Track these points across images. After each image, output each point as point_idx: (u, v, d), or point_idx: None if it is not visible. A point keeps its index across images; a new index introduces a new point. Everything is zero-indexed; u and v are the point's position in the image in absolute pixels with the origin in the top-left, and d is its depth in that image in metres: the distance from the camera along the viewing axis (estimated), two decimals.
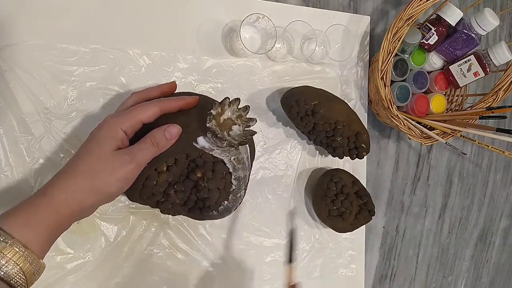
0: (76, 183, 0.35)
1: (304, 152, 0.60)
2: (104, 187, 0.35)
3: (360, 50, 0.63)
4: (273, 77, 0.57)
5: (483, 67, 0.60)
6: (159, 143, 0.38)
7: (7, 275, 0.30)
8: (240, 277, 0.55)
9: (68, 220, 0.35)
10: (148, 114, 0.39)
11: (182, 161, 0.41)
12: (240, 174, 0.43)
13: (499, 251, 0.86)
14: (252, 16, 0.50)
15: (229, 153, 0.41)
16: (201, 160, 0.41)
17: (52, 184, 0.35)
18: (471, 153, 0.79)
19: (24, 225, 0.32)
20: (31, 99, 0.44)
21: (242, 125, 0.40)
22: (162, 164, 0.40)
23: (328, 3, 0.61)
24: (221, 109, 0.39)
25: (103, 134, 0.37)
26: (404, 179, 0.71)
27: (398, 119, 0.57)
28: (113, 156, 0.36)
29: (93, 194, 0.35)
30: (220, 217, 0.47)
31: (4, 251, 0.30)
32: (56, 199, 0.34)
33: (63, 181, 0.35)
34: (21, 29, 0.44)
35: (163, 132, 0.38)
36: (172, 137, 0.38)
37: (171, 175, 0.41)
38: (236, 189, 0.44)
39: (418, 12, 0.53)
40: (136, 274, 0.49)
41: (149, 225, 0.49)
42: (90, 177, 0.35)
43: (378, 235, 0.69)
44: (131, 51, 0.48)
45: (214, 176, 0.42)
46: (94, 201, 0.36)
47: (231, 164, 0.42)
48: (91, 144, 0.37)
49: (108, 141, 0.36)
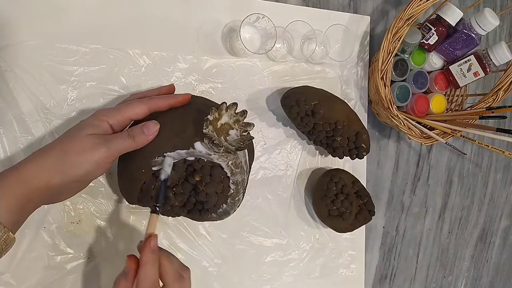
0: (46, 159, 0.35)
1: (304, 152, 0.60)
2: (71, 166, 0.36)
3: (360, 50, 0.63)
4: (273, 77, 0.57)
5: (483, 67, 0.60)
6: (135, 136, 0.38)
7: None
8: (240, 277, 0.55)
9: (37, 195, 0.35)
10: (136, 111, 0.40)
11: (180, 166, 0.41)
12: (238, 178, 0.43)
13: (499, 251, 0.86)
14: (252, 16, 0.50)
15: (227, 158, 0.40)
16: (199, 165, 0.41)
17: (26, 159, 0.36)
18: (471, 153, 0.79)
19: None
20: (31, 99, 0.44)
21: (239, 129, 0.40)
22: (160, 170, 0.40)
23: (328, 3, 0.61)
24: (218, 114, 0.39)
25: (86, 122, 0.39)
26: (404, 179, 0.71)
27: (398, 119, 0.57)
28: (86, 138, 0.36)
29: (60, 172, 0.35)
30: (219, 219, 0.46)
31: None
32: (25, 171, 0.34)
33: (36, 156, 0.36)
34: (21, 29, 0.44)
35: (141, 127, 0.38)
36: (150, 132, 0.38)
37: (169, 179, 0.41)
38: (234, 193, 0.44)
39: (418, 12, 0.53)
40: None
41: None
42: (60, 155, 0.36)
43: (378, 235, 0.69)
44: (131, 51, 0.48)
45: (212, 181, 0.41)
46: (61, 180, 0.35)
47: (229, 169, 0.41)
48: (72, 129, 0.38)
49: (88, 127, 0.37)
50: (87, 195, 0.46)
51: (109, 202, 0.47)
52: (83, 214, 0.46)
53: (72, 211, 0.46)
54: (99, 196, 0.47)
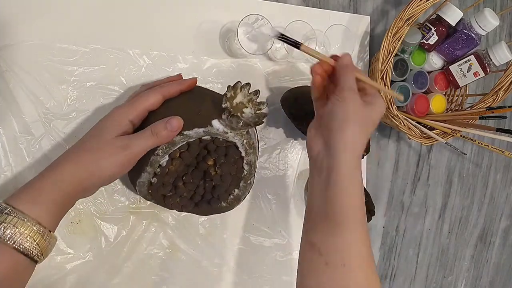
0: (78, 165, 0.37)
1: (304, 152, 0.60)
2: (100, 171, 0.37)
3: (360, 50, 0.63)
4: (273, 77, 0.57)
5: (483, 67, 0.60)
6: (158, 133, 0.38)
7: (26, 249, 0.33)
8: (240, 277, 0.55)
9: (73, 197, 0.38)
10: (151, 101, 0.41)
11: (195, 147, 0.41)
12: (252, 158, 0.44)
13: (499, 251, 0.86)
14: (251, 17, 0.50)
15: (242, 137, 0.42)
16: (214, 146, 0.42)
17: (57, 164, 0.38)
18: (471, 153, 0.79)
19: (33, 202, 0.35)
20: (31, 99, 0.44)
21: (253, 108, 0.42)
22: (175, 151, 0.41)
23: (328, 3, 0.61)
24: (233, 93, 0.40)
25: (107, 123, 0.40)
26: (404, 179, 0.71)
27: (398, 119, 0.57)
28: (111, 142, 0.38)
29: (92, 176, 0.37)
30: (228, 208, 0.47)
31: (19, 227, 0.33)
32: (59, 179, 0.36)
33: (67, 163, 0.37)
34: (21, 29, 0.44)
35: (164, 123, 0.39)
36: (174, 129, 0.39)
37: (183, 164, 0.42)
38: (248, 175, 0.45)
39: (418, 12, 0.53)
40: (136, 274, 0.49)
41: (149, 225, 0.49)
42: (91, 160, 0.37)
43: (378, 235, 0.69)
44: (131, 51, 0.48)
45: (226, 161, 0.43)
46: (93, 182, 0.38)
47: (244, 148, 0.43)
48: (95, 131, 0.40)
49: (111, 129, 0.39)
50: None
51: (109, 202, 0.47)
52: (83, 214, 0.46)
53: (72, 211, 0.46)
54: (99, 196, 0.47)
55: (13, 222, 0.33)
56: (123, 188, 0.48)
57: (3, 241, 0.32)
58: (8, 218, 0.33)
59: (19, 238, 0.33)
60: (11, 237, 0.33)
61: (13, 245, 0.33)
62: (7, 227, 0.33)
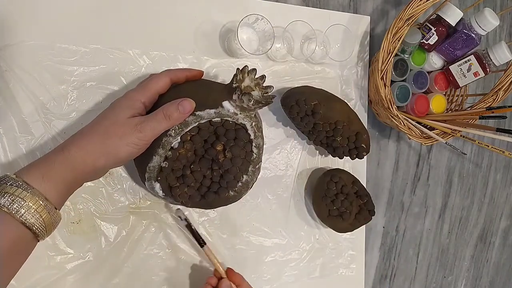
0: (91, 144, 0.37)
1: (304, 152, 0.60)
2: (114, 150, 0.38)
3: (360, 50, 0.63)
4: (273, 77, 0.57)
5: (483, 67, 0.60)
6: (171, 116, 0.39)
7: (30, 223, 0.33)
8: None
9: (82, 177, 0.38)
10: (160, 84, 0.42)
11: (205, 130, 0.42)
12: (260, 142, 0.46)
13: (499, 251, 0.86)
14: (251, 17, 0.50)
15: (251, 119, 0.43)
16: (223, 129, 0.43)
17: (69, 142, 0.38)
18: (471, 153, 0.79)
19: (43, 178, 0.35)
20: (31, 99, 0.44)
21: (261, 91, 0.43)
22: (186, 134, 0.41)
23: (328, 3, 0.61)
24: (242, 76, 0.42)
25: (121, 104, 0.40)
26: (404, 179, 0.71)
27: (398, 119, 0.57)
28: (126, 122, 0.38)
29: (105, 155, 0.38)
30: (237, 197, 0.48)
31: (27, 201, 0.33)
32: (72, 156, 0.37)
33: (80, 141, 0.38)
34: (21, 29, 0.44)
35: (176, 105, 0.39)
36: (185, 111, 0.39)
37: (193, 149, 0.43)
38: (256, 158, 0.46)
39: (418, 12, 0.53)
40: (136, 274, 0.49)
41: (149, 225, 0.49)
42: (103, 139, 0.38)
43: (378, 235, 0.69)
44: (131, 51, 0.48)
45: (236, 144, 0.44)
46: (105, 163, 0.38)
47: (253, 130, 0.44)
48: (109, 111, 0.40)
49: (124, 110, 0.39)
50: (87, 195, 0.46)
51: (109, 202, 0.47)
52: (83, 214, 0.46)
53: (72, 211, 0.46)
54: (99, 196, 0.47)
55: (22, 195, 0.33)
56: (123, 188, 0.48)
57: (10, 213, 0.32)
58: (17, 191, 0.33)
59: (26, 212, 0.33)
60: (18, 210, 0.33)
61: (20, 218, 0.33)
62: (15, 200, 0.33)
